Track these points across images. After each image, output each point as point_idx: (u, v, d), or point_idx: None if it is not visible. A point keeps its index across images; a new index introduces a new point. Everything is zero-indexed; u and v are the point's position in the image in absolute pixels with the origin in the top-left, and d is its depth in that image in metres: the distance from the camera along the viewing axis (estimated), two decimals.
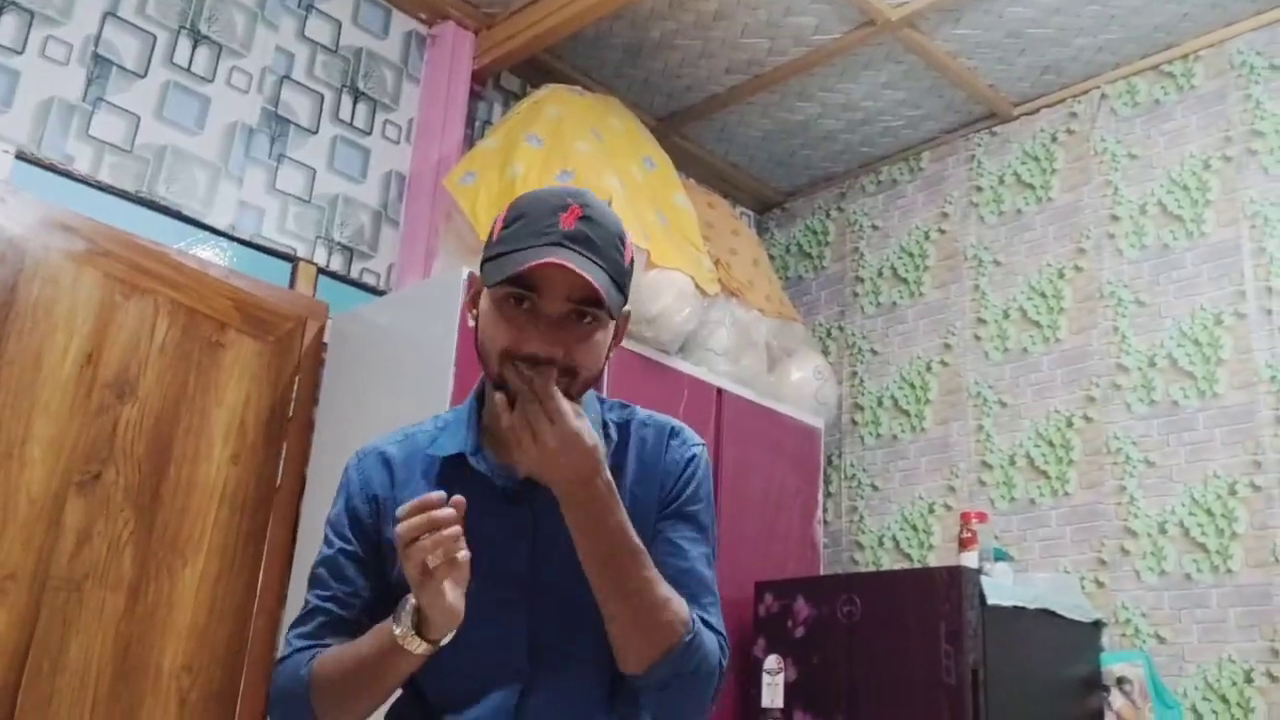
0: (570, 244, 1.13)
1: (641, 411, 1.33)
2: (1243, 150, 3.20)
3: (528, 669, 1.19)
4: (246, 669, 2.69)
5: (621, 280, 1.18)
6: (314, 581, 1.27)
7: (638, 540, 1.14)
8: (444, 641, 1.11)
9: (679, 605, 1.16)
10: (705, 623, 1.20)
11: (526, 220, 1.16)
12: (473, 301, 1.24)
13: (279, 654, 1.27)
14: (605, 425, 1.29)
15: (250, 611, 2.73)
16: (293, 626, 1.27)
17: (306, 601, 1.27)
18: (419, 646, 1.10)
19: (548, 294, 1.14)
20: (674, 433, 1.31)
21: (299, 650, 1.23)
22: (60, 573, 2.42)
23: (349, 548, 1.26)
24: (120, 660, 2.49)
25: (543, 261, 1.11)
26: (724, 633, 1.23)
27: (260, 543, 2.78)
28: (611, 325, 1.21)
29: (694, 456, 1.29)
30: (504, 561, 1.20)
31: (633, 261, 1.24)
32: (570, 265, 1.11)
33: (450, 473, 1.24)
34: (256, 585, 2.75)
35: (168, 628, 2.58)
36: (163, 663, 2.56)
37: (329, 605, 1.24)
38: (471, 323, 1.23)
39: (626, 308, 1.24)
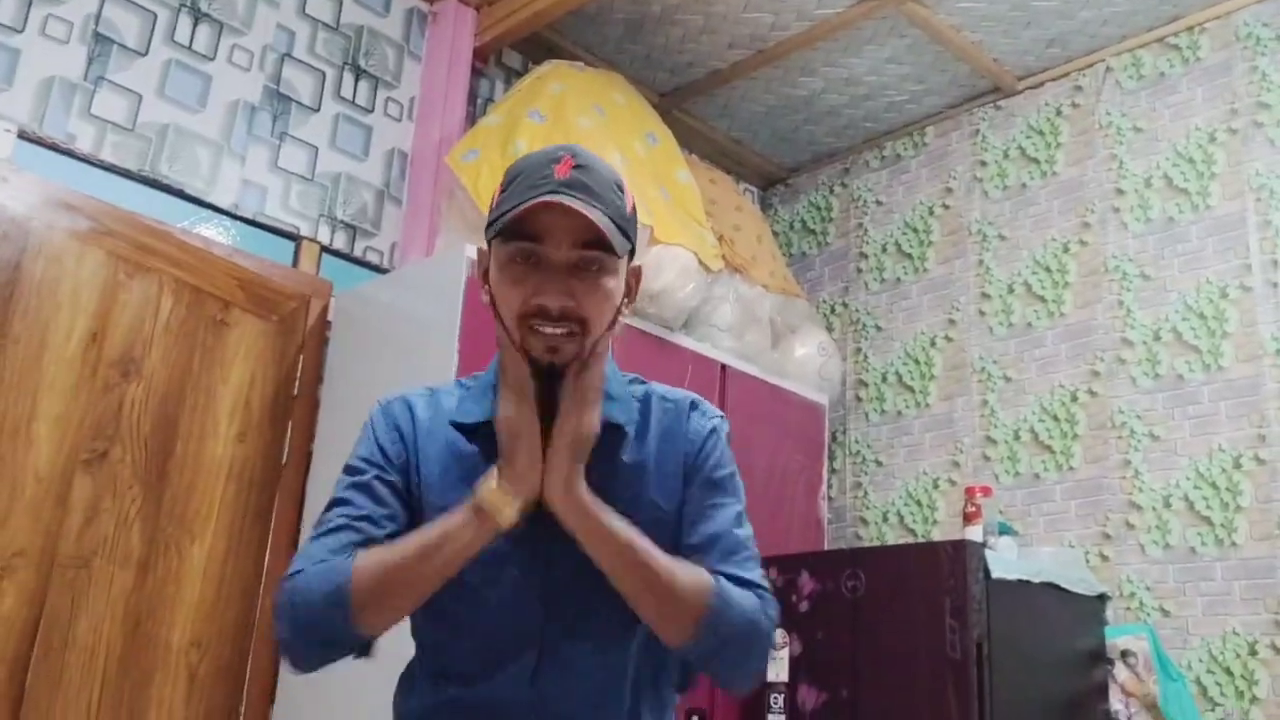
0: (566, 190, 1.14)
1: (658, 386, 1.34)
2: (1248, 123, 3.19)
3: (543, 638, 1.19)
4: (255, 644, 2.71)
5: (625, 225, 1.18)
6: (338, 503, 1.21)
7: (632, 531, 1.14)
8: (518, 518, 1.12)
9: (694, 576, 1.16)
10: (740, 580, 1.19)
11: (522, 178, 1.17)
12: (484, 277, 1.23)
13: (290, 570, 1.16)
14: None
15: (258, 587, 2.74)
16: (313, 539, 1.18)
17: (326, 520, 1.19)
18: (506, 507, 1.10)
19: (550, 241, 1.15)
20: (694, 405, 1.33)
21: (323, 561, 1.14)
22: (68, 550, 2.44)
23: (385, 475, 1.23)
24: (129, 636, 2.51)
25: (539, 201, 1.12)
26: (763, 585, 1.21)
27: (267, 519, 2.79)
28: (621, 273, 1.20)
29: (714, 427, 1.32)
30: (520, 529, 1.20)
31: (635, 210, 1.23)
32: (565, 202, 1.12)
33: (472, 436, 1.25)
34: (264, 561, 2.76)
35: (176, 604, 2.60)
36: (172, 638, 2.58)
37: (360, 524, 1.18)
38: (486, 298, 1.22)
39: (637, 263, 1.23)
